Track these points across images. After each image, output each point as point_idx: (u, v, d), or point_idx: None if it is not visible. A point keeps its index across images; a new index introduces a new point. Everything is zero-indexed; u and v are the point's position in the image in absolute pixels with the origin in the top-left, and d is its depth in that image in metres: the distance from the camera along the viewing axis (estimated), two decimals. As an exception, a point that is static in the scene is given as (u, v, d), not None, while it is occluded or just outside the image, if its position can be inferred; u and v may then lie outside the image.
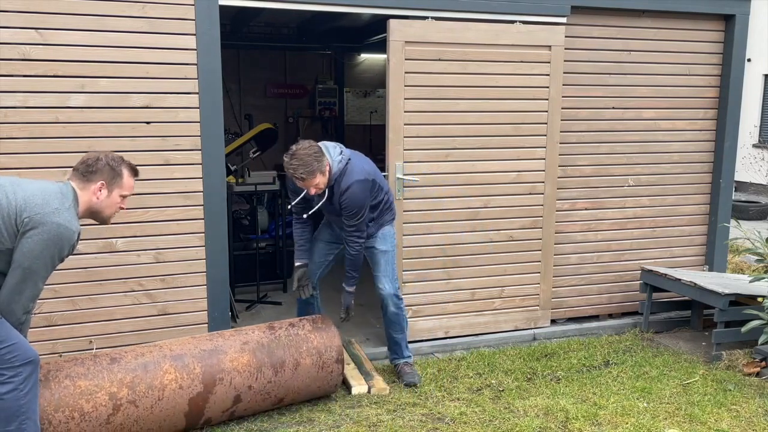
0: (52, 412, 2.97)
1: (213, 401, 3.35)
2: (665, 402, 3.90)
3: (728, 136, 5.32)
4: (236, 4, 4.10)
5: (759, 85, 13.83)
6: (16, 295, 2.69)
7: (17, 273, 2.67)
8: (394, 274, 4.11)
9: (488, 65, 4.58)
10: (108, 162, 2.91)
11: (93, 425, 3.05)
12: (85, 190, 2.87)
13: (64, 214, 2.72)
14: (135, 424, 3.16)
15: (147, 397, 3.18)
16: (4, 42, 3.59)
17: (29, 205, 2.67)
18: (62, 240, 2.70)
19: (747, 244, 5.32)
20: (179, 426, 3.32)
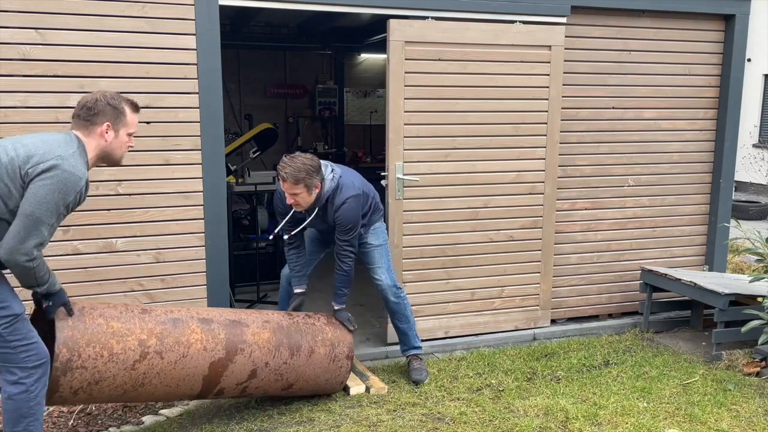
0: (83, 345, 2.93)
1: (231, 370, 3.34)
2: (665, 402, 3.90)
3: (728, 136, 5.32)
4: (236, 4, 4.10)
5: (759, 85, 13.83)
6: (19, 243, 2.56)
7: (20, 220, 2.56)
8: (390, 265, 4.11)
9: (488, 65, 4.58)
10: (108, 101, 2.79)
11: (118, 367, 3.02)
12: (90, 135, 2.77)
13: (69, 160, 2.62)
14: (156, 377, 3.14)
15: (173, 351, 3.16)
16: (4, 42, 3.59)
17: (32, 157, 2.58)
18: (67, 185, 2.59)
19: (747, 244, 5.32)
20: (194, 389, 3.29)
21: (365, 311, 5.24)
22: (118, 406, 3.71)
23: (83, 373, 2.93)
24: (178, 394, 3.29)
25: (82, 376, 2.93)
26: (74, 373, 2.90)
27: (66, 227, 3.80)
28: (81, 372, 2.92)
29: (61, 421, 3.55)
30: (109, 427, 3.53)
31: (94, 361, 2.95)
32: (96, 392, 3.02)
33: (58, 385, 2.88)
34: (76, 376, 2.91)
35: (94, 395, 3.04)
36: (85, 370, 2.93)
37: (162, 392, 3.21)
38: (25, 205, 2.56)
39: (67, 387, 2.92)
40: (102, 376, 2.98)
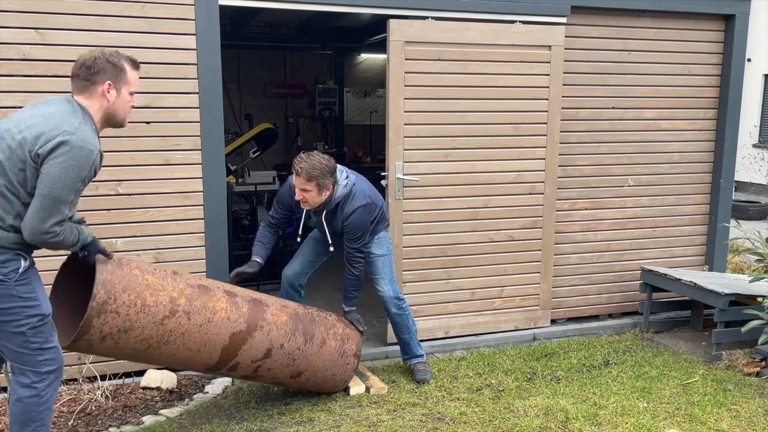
0: (120, 290, 2.94)
1: (249, 345, 3.37)
2: (665, 402, 3.90)
3: (728, 136, 5.32)
4: (236, 4, 4.10)
5: (759, 85, 13.83)
6: (40, 224, 2.53)
7: (38, 200, 2.52)
8: (393, 276, 4.11)
9: (488, 65, 4.58)
10: (107, 58, 2.68)
11: (148, 320, 3.03)
12: (92, 96, 2.68)
13: (77, 133, 2.54)
14: (180, 337, 3.16)
15: (200, 314, 3.20)
16: (4, 42, 3.59)
17: (40, 137, 2.51)
18: (80, 161, 2.53)
19: (747, 244, 5.32)
20: (212, 359, 3.31)
21: (365, 311, 5.24)
22: (118, 406, 3.71)
23: (115, 318, 2.93)
24: (195, 361, 3.30)
25: (113, 321, 2.93)
26: (108, 316, 2.90)
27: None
28: (114, 317, 2.92)
29: (60, 421, 3.54)
30: (110, 427, 3.52)
31: (128, 309, 2.96)
32: (122, 342, 3.01)
33: (90, 326, 2.87)
34: (108, 320, 2.91)
35: (119, 345, 3.02)
36: (118, 316, 2.93)
37: (182, 356, 3.23)
38: (42, 186, 2.51)
39: (98, 330, 2.90)
40: (132, 325, 2.99)
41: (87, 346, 2.97)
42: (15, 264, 2.59)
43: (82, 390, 3.74)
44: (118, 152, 3.84)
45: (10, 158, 2.53)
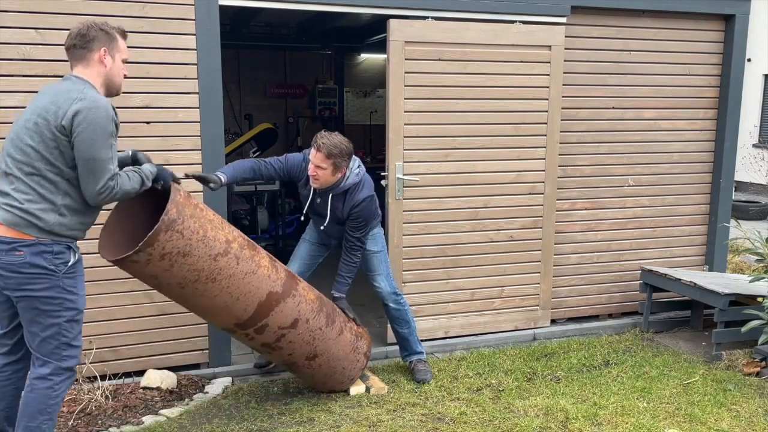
0: (188, 215, 3.03)
1: (281, 309, 3.44)
2: (665, 402, 3.90)
3: (728, 136, 5.32)
4: (236, 3, 4.10)
5: (759, 85, 13.83)
6: (95, 186, 2.69)
7: (83, 167, 2.67)
8: (389, 271, 4.13)
9: (488, 65, 4.58)
10: (100, 27, 2.81)
11: (204, 251, 3.10)
12: (90, 65, 2.79)
13: (87, 97, 2.67)
14: (226, 279, 3.21)
15: (247, 263, 3.29)
16: (4, 42, 3.60)
17: (57, 113, 2.64)
18: (100, 119, 2.65)
19: (747, 244, 5.32)
20: (247, 312, 3.35)
21: (365, 311, 5.24)
22: (118, 406, 3.71)
23: (179, 239, 3.00)
24: (230, 311, 3.32)
25: (177, 241, 2.99)
26: (173, 234, 2.97)
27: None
28: (178, 237, 2.99)
29: (60, 421, 3.54)
30: (110, 427, 3.52)
31: (191, 234, 3.04)
32: (176, 267, 3.05)
33: (156, 239, 2.91)
34: (173, 239, 2.97)
35: (172, 269, 3.06)
36: (182, 237, 3.00)
37: (220, 302, 3.25)
38: (80, 154, 2.65)
39: (161, 246, 2.95)
40: (191, 251, 3.05)
41: (144, 261, 2.97)
42: (66, 257, 2.74)
43: (82, 390, 3.74)
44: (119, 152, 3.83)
45: (42, 141, 2.66)
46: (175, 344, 4.14)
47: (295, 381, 4.15)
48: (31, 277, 2.69)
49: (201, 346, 4.23)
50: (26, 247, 2.67)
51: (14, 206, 2.67)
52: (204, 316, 3.41)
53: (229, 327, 3.43)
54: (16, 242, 2.67)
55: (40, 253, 2.68)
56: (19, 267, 2.67)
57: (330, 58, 9.33)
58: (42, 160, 2.66)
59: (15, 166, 2.69)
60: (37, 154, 2.66)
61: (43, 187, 2.68)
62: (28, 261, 2.67)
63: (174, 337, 4.13)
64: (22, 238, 2.67)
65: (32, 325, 2.76)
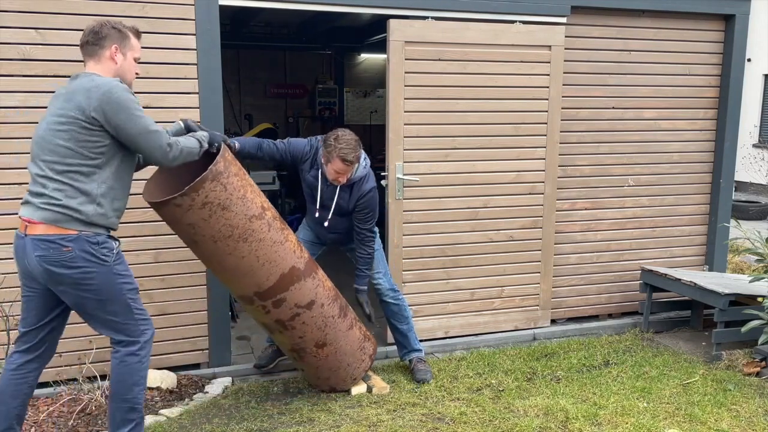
0: (233, 172, 3.20)
1: (300, 287, 3.52)
2: (665, 402, 3.90)
3: (728, 136, 5.32)
4: (236, 3, 4.10)
5: (759, 85, 13.83)
6: (157, 152, 2.87)
7: (137, 144, 2.84)
8: (386, 268, 4.18)
9: (488, 65, 4.58)
10: (113, 25, 2.93)
11: (242, 210, 3.23)
12: (102, 61, 2.91)
13: (101, 86, 2.78)
14: (257, 242, 3.32)
15: (277, 232, 3.41)
16: (4, 42, 3.59)
17: (86, 105, 2.74)
18: (122, 96, 2.78)
19: (747, 244, 5.32)
20: (269, 280, 3.42)
21: (365, 311, 5.24)
22: (118, 406, 3.71)
23: (222, 192, 3.12)
24: (253, 276, 3.39)
25: (219, 193, 3.12)
26: (218, 185, 3.10)
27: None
28: (221, 189, 3.12)
29: (60, 421, 3.55)
30: (109, 427, 3.52)
31: (233, 189, 3.18)
32: (214, 218, 3.15)
33: (202, 186, 3.04)
34: (216, 189, 3.10)
35: (210, 221, 3.16)
36: (224, 190, 3.13)
37: (246, 265, 3.34)
38: (126, 134, 2.80)
39: (204, 194, 3.07)
40: (230, 206, 3.17)
41: (187, 206, 3.08)
42: (110, 245, 2.89)
43: (82, 390, 3.74)
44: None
45: (72, 138, 2.76)
46: (175, 344, 4.14)
47: (295, 381, 4.15)
48: (85, 271, 2.80)
49: (201, 346, 4.23)
50: (71, 242, 2.77)
51: (53, 204, 2.76)
52: (228, 277, 3.45)
53: (248, 296, 3.48)
54: (62, 238, 2.76)
55: (87, 245, 2.79)
56: (70, 262, 2.77)
57: (330, 58, 9.34)
58: (75, 156, 2.76)
59: (47, 167, 2.78)
60: (70, 151, 2.76)
61: (78, 181, 2.78)
62: (77, 254, 2.77)
63: (174, 337, 4.13)
64: (65, 234, 2.76)
65: (105, 314, 2.91)
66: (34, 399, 3.75)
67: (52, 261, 2.77)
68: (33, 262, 2.79)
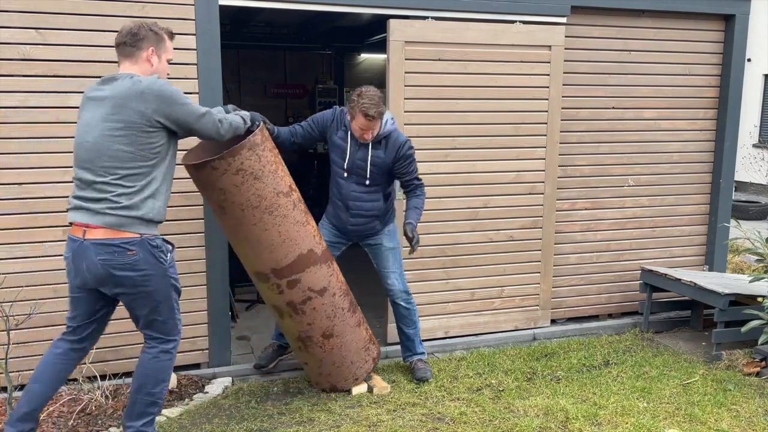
0: (270, 147, 3.39)
1: (315, 271, 3.60)
2: (665, 402, 3.90)
3: (728, 136, 5.32)
4: (236, 4, 4.10)
5: (759, 85, 13.83)
6: (213, 131, 3.05)
7: (196, 129, 3.00)
8: (402, 270, 4.16)
9: (488, 65, 4.58)
10: (150, 27, 3.02)
11: (272, 183, 3.38)
12: (137, 62, 2.99)
13: (149, 88, 2.87)
14: (281, 218, 3.43)
15: (300, 214, 3.54)
16: (4, 42, 3.59)
17: (145, 117, 2.85)
18: (168, 89, 2.91)
19: (747, 244, 5.33)
20: (287, 258, 3.50)
21: (365, 311, 5.21)
22: (118, 406, 3.71)
23: (256, 162, 3.27)
24: (273, 252, 3.47)
25: (253, 162, 3.26)
26: (253, 155, 3.25)
27: (66, 227, 3.79)
28: (256, 159, 3.27)
29: (60, 421, 3.55)
30: (110, 427, 3.52)
31: (266, 162, 3.34)
32: (245, 187, 3.28)
33: (239, 153, 3.20)
34: (251, 158, 3.25)
35: (241, 188, 3.28)
36: (259, 161, 3.29)
37: (268, 238, 3.43)
38: (188, 122, 2.95)
39: (239, 161, 3.21)
40: (261, 176, 3.31)
41: (222, 170, 3.21)
42: (165, 248, 3.03)
43: (82, 390, 3.74)
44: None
45: (133, 143, 2.86)
46: (175, 344, 4.14)
47: (295, 381, 4.15)
48: (146, 274, 2.93)
49: (201, 346, 4.23)
50: (135, 246, 2.89)
51: (116, 207, 2.86)
52: (248, 251, 3.51)
53: (265, 272, 3.53)
54: (126, 242, 2.87)
55: (149, 249, 2.92)
56: (134, 266, 2.89)
57: (330, 58, 9.33)
58: (135, 159, 2.87)
59: (106, 172, 2.86)
60: (130, 155, 2.86)
61: (136, 181, 2.89)
62: (141, 258, 2.90)
63: (174, 337, 4.13)
64: (129, 237, 2.88)
65: (152, 314, 3.03)
66: (34, 399, 3.75)
67: (116, 264, 2.86)
68: (94, 265, 2.87)
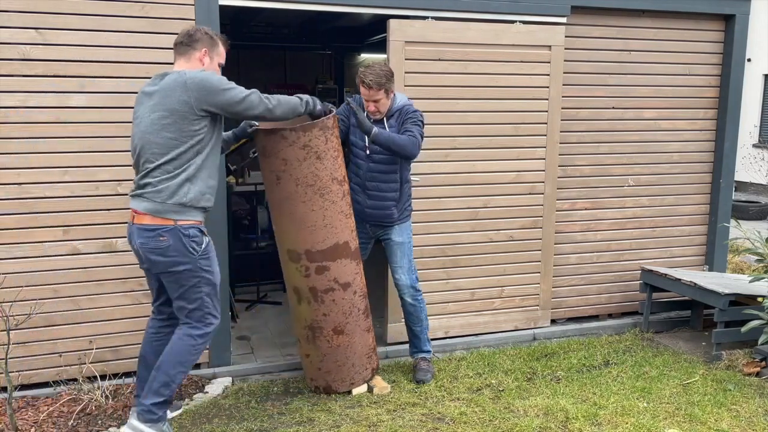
0: (336, 135, 3.57)
1: (345, 264, 3.70)
2: (665, 402, 3.90)
3: (728, 136, 5.32)
4: (236, 4, 4.10)
5: (759, 85, 13.83)
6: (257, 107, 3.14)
7: (242, 110, 3.11)
8: (411, 265, 4.14)
9: (488, 65, 4.58)
10: (206, 31, 3.23)
11: (330, 167, 3.55)
12: (190, 61, 3.19)
13: (193, 80, 3.03)
14: (329, 203, 3.58)
15: (347, 206, 3.70)
16: (4, 42, 3.60)
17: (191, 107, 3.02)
18: (211, 79, 3.06)
19: (747, 244, 5.32)
20: (325, 242, 3.60)
21: (365, 311, 5.24)
22: (118, 406, 3.71)
23: (323, 143, 3.48)
24: (313, 233, 3.58)
25: (320, 143, 3.47)
26: (322, 135, 3.47)
27: (66, 227, 3.80)
28: (323, 141, 3.48)
29: (60, 421, 3.55)
30: (110, 427, 3.53)
31: (331, 147, 3.53)
32: (306, 163, 3.48)
33: (311, 129, 3.42)
34: (319, 138, 3.47)
35: (302, 164, 3.47)
36: (325, 142, 3.49)
37: (312, 218, 3.56)
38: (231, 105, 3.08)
39: (308, 137, 3.43)
40: (323, 158, 3.51)
41: (290, 141, 3.42)
42: (200, 239, 3.17)
43: (82, 390, 3.74)
44: (119, 152, 3.84)
45: (179, 130, 3.03)
46: (175, 344, 4.14)
47: (295, 381, 4.15)
48: (174, 260, 3.10)
49: (201, 346, 4.23)
50: (168, 233, 3.07)
51: (156, 193, 3.05)
52: (289, 227, 3.61)
53: (299, 252, 3.62)
54: (160, 228, 3.06)
55: (180, 237, 3.08)
56: (164, 251, 3.08)
57: (330, 58, 9.34)
58: (179, 146, 3.04)
59: (154, 159, 3.07)
60: (175, 142, 3.04)
61: (177, 167, 3.06)
62: (171, 245, 3.07)
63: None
64: (163, 224, 3.06)
65: (179, 300, 3.20)
66: (34, 399, 3.76)
67: (150, 248, 3.09)
68: (137, 248, 3.15)
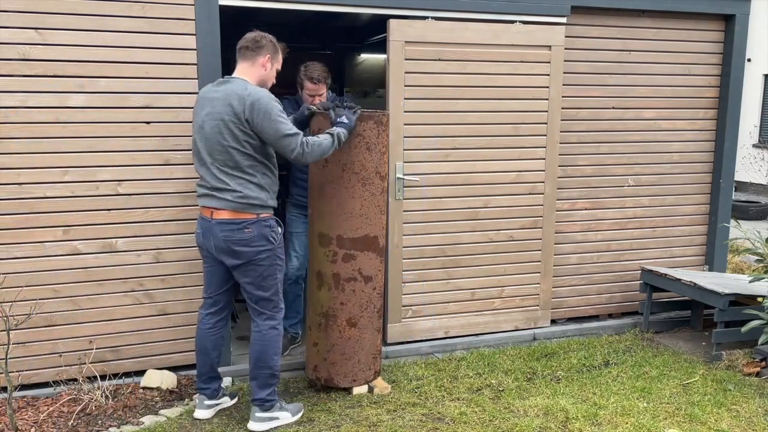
0: (387, 134, 3.82)
1: (371, 257, 3.82)
2: (665, 402, 3.90)
3: (728, 136, 5.32)
4: (236, 4, 4.10)
5: (759, 85, 13.84)
6: (290, 153, 3.31)
7: (276, 145, 3.32)
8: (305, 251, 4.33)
9: (488, 65, 4.58)
10: (270, 39, 3.46)
11: (376, 161, 3.75)
12: (254, 66, 3.41)
13: (252, 95, 3.25)
14: (369, 194, 3.74)
15: (384, 203, 3.86)
16: (4, 42, 3.59)
17: (238, 117, 3.24)
18: (268, 104, 3.26)
19: (747, 244, 5.32)
20: (358, 231, 3.75)
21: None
22: (118, 406, 3.71)
23: (375, 136, 3.71)
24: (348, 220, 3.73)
25: (372, 135, 3.70)
26: (375, 128, 3.70)
27: (66, 227, 3.80)
28: (376, 134, 3.71)
29: (60, 421, 3.55)
30: (110, 427, 3.53)
31: (381, 143, 3.76)
32: (354, 152, 3.67)
33: (366, 120, 3.65)
34: (373, 130, 3.70)
35: (351, 151, 3.66)
36: (377, 137, 3.73)
37: (350, 206, 3.73)
38: (269, 135, 3.27)
39: (363, 127, 3.66)
40: (372, 150, 3.72)
41: None
42: (277, 229, 3.43)
43: (82, 390, 3.74)
44: (119, 152, 3.84)
45: (234, 138, 3.27)
46: (175, 344, 4.14)
47: (295, 381, 4.15)
48: (259, 250, 3.34)
49: (201, 346, 4.23)
50: (252, 224, 3.34)
51: (236, 195, 3.29)
52: (327, 209, 3.75)
53: (330, 236, 3.76)
54: (244, 221, 3.32)
55: (263, 227, 3.36)
56: (249, 242, 3.33)
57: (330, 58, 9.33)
58: (239, 154, 3.28)
59: (222, 165, 3.30)
60: (235, 150, 3.28)
61: (247, 174, 3.31)
62: (256, 234, 3.33)
63: (174, 337, 4.13)
64: (247, 218, 3.33)
65: (258, 290, 3.42)
66: (34, 399, 3.76)
67: (235, 240, 3.32)
68: (219, 241, 3.34)
